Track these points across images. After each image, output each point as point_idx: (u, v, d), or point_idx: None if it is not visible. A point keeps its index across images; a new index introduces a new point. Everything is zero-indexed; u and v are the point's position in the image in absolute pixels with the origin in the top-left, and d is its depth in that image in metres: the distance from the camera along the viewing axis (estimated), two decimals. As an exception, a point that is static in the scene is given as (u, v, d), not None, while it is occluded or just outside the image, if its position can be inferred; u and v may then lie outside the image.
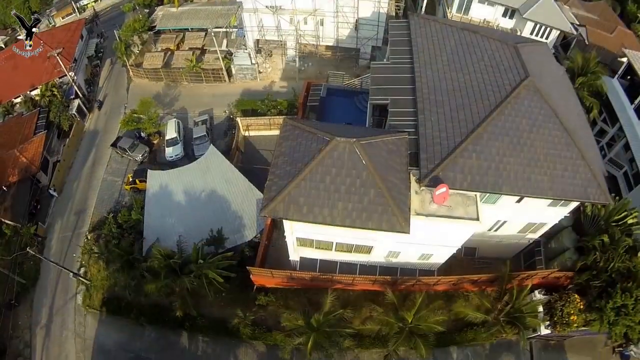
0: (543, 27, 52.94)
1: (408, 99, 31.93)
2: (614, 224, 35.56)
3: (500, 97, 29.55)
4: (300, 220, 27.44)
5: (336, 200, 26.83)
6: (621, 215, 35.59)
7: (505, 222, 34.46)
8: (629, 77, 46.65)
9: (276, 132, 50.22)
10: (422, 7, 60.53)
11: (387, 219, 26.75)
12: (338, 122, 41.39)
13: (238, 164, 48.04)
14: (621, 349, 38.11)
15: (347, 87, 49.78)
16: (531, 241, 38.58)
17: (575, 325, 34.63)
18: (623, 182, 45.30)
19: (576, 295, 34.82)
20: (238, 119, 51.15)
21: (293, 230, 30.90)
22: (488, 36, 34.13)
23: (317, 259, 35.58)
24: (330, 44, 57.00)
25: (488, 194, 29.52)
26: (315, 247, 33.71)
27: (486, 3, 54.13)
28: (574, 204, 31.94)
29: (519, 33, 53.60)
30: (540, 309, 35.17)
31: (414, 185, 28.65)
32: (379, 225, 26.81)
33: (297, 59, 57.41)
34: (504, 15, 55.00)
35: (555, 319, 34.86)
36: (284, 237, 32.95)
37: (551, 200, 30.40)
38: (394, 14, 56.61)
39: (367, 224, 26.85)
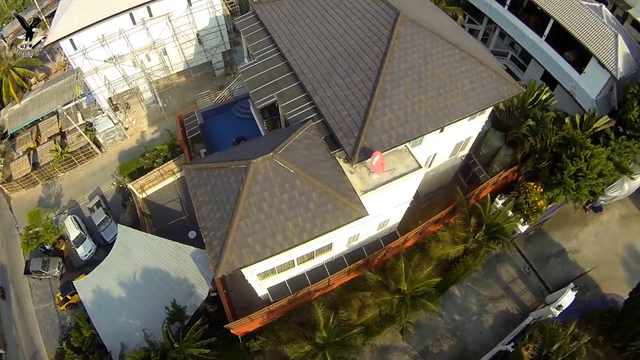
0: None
1: (294, 87, 29.33)
2: (530, 106, 35.55)
3: (382, 43, 27.69)
4: (258, 261, 24.23)
5: (284, 221, 24.02)
6: (534, 96, 35.54)
7: (436, 153, 33.43)
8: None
9: (172, 180, 46.59)
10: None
11: (342, 213, 24.44)
12: (229, 142, 38.74)
13: (152, 229, 43.69)
14: (591, 204, 39.36)
15: (220, 103, 46.03)
16: (463, 157, 37.95)
17: (544, 208, 34.93)
18: (514, 66, 45.77)
19: (531, 183, 34.86)
20: (129, 185, 46.30)
21: (251, 270, 27.78)
22: (340, -8, 32.05)
23: (284, 281, 32.97)
24: (182, 68, 52.88)
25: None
26: (278, 272, 30.96)
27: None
28: (490, 108, 31.16)
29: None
30: (510, 212, 34.70)
31: (346, 167, 26.41)
32: (337, 222, 24.43)
33: (157, 99, 52.88)
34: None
35: (525, 212, 34.82)
36: (241, 278, 30.00)
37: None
38: (229, 13, 53.33)
39: (325, 228, 24.34)
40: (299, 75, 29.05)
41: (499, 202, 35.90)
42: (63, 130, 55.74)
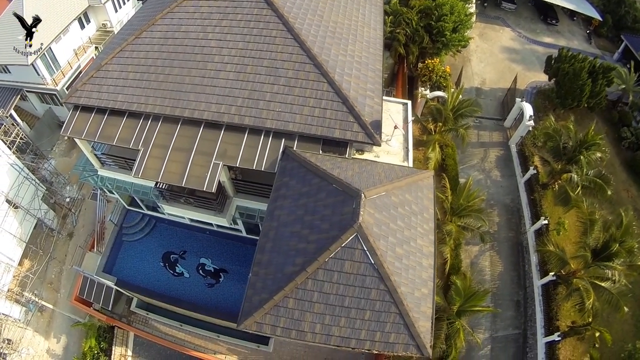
0: None
1: (232, 136, 20.39)
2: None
3: (278, 23, 21.54)
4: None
5: (420, 234, 17.82)
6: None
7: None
8: None
9: None
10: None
11: (425, 187, 19.71)
12: (160, 269, 28.84)
13: None
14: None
15: (110, 245, 30.58)
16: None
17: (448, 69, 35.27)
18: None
19: (429, 61, 34.38)
20: None
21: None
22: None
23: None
24: (20, 253, 33.12)
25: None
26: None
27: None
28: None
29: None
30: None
31: (369, 156, 21.32)
32: (429, 197, 19.64)
33: (27, 309, 33.80)
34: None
35: (443, 83, 33.92)
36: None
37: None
38: (18, 151, 36.92)
39: (431, 206, 19.11)
40: (232, 120, 20.16)
41: (426, 92, 33.77)
42: None
